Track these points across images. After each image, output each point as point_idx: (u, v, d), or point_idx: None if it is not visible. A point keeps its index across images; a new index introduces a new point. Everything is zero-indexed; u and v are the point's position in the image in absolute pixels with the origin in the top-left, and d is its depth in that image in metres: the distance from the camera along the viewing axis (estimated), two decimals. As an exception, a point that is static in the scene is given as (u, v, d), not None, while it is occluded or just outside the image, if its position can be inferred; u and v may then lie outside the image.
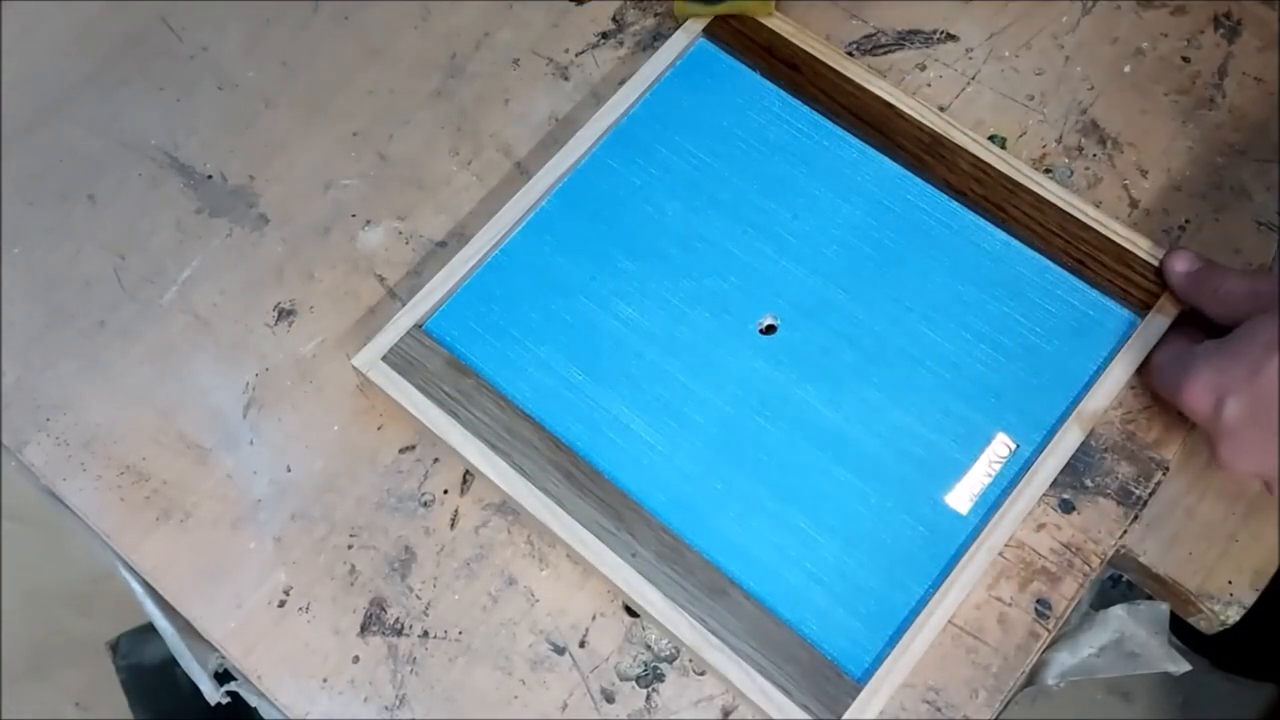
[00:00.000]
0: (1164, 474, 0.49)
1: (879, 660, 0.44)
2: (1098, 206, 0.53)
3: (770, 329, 0.51)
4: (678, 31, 0.57)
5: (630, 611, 0.48)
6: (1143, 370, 0.49)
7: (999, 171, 0.53)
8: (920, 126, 0.54)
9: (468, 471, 0.51)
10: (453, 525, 0.50)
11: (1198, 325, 0.48)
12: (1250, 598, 0.48)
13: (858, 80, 0.55)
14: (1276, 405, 0.38)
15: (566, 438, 0.49)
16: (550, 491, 0.47)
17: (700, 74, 0.56)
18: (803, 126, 0.55)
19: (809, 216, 0.53)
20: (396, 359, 0.50)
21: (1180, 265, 0.48)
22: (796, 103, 0.55)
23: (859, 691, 0.44)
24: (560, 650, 0.48)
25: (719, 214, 0.53)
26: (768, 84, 0.56)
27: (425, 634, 0.48)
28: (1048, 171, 0.56)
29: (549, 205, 0.54)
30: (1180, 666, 0.51)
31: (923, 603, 0.45)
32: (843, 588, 0.46)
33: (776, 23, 0.57)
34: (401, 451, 0.52)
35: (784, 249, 0.53)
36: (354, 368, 0.50)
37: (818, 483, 0.48)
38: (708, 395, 0.50)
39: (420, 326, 0.51)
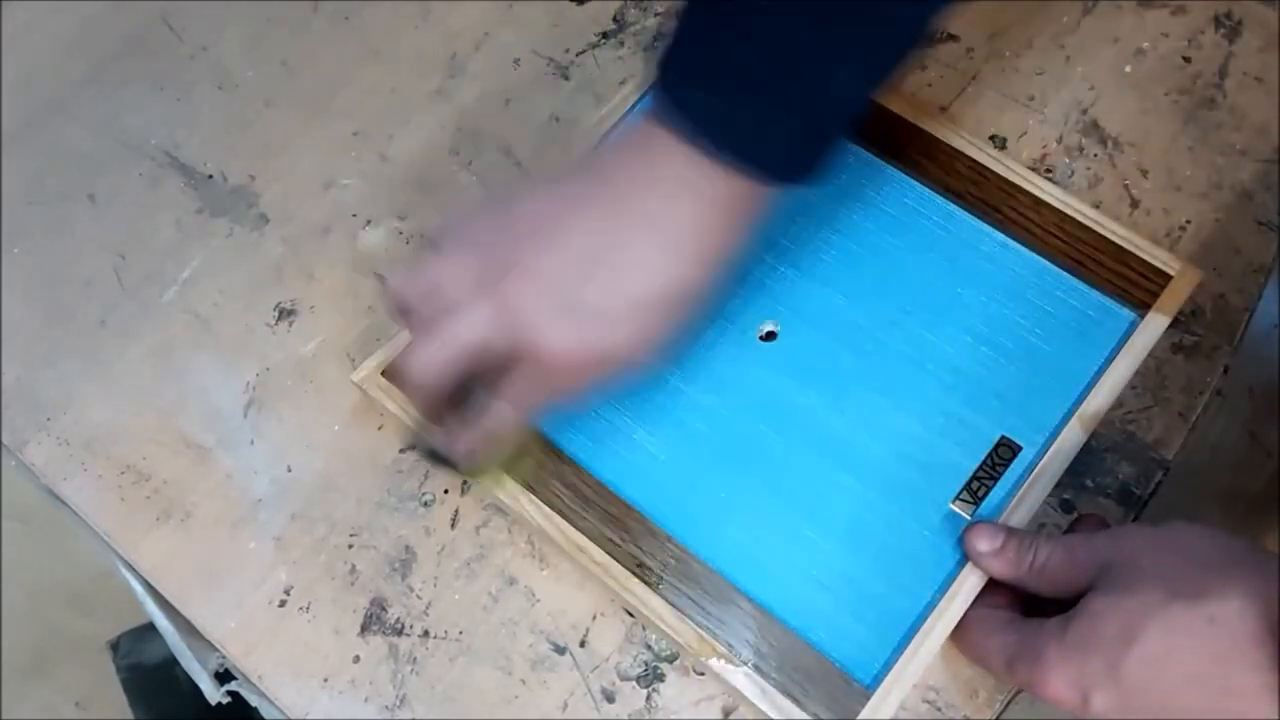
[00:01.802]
0: (1164, 474, 0.49)
1: (887, 666, 0.44)
2: (1098, 207, 0.53)
3: (770, 335, 0.51)
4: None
5: (630, 612, 0.48)
6: (957, 635, 0.45)
7: (996, 174, 0.53)
8: (916, 130, 0.54)
9: (468, 471, 0.51)
10: (453, 525, 0.50)
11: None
12: (1250, 598, 0.48)
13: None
14: (1146, 696, 0.37)
15: (569, 449, 0.49)
16: (554, 504, 0.47)
17: None
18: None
19: (807, 222, 0.53)
20: (396, 372, 0.50)
21: (983, 544, 0.44)
22: None
23: (868, 698, 0.43)
24: (560, 650, 0.48)
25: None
26: None
27: (426, 634, 0.48)
28: (1048, 172, 0.56)
29: None
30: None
31: (930, 607, 0.45)
32: (849, 594, 0.46)
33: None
34: (402, 451, 0.52)
35: (783, 255, 0.53)
36: (354, 383, 0.50)
37: (822, 489, 0.48)
38: (710, 404, 0.50)
39: (419, 339, 0.51)
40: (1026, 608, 0.44)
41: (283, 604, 0.49)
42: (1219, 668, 0.36)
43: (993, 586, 0.45)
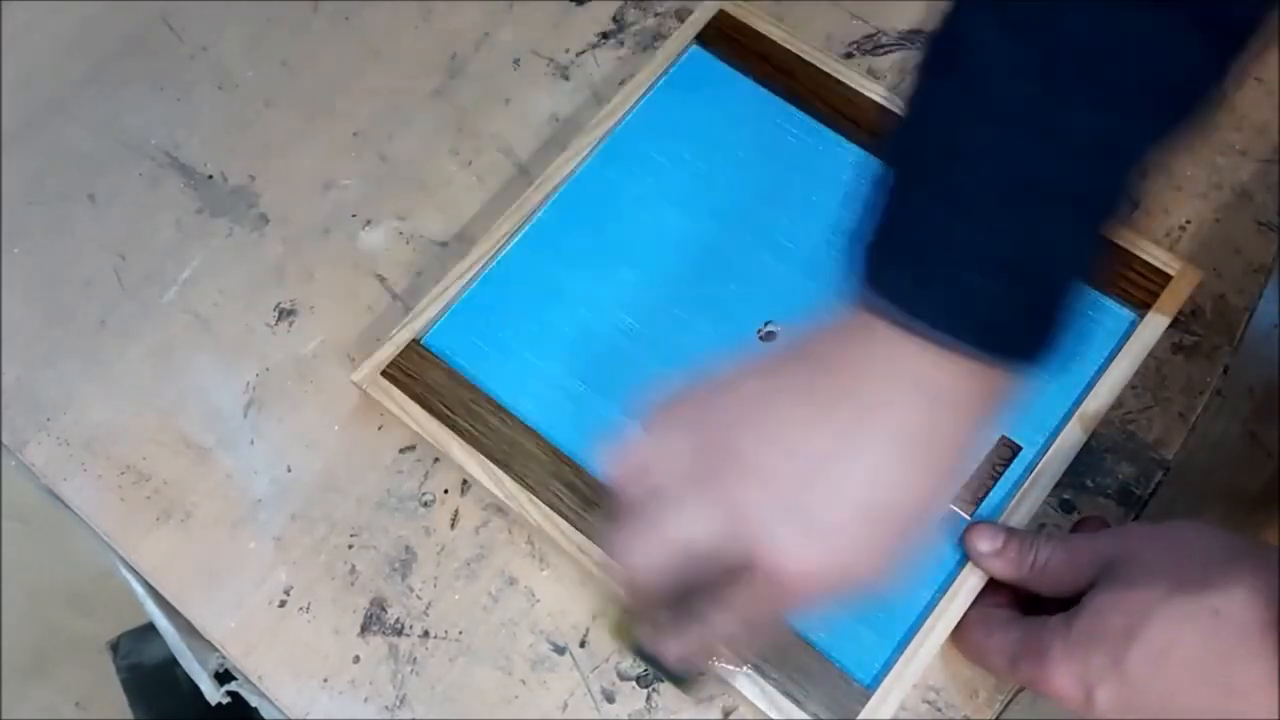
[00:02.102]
0: (1164, 474, 0.49)
1: (887, 666, 0.44)
2: (1098, 207, 0.53)
3: (771, 335, 0.51)
4: (670, 38, 0.57)
5: (630, 611, 0.48)
6: (958, 635, 0.45)
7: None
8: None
9: (468, 471, 0.51)
10: (453, 525, 0.50)
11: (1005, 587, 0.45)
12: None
13: (852, 84, 0.55)
14: (1148, 693, 0.37)
15: (569, 449, 0.49)
16: (554, 504, 0.47)
17: (694, 81, 0.56)
18: (798, 132, 0.55)
19: (806, 222, 0.53)
20: (396, 373, 0.50)
21: (984, 545, 0.44)
22: (791, 108, 0.55)
23: (868, 698, 0.44)
24: (560, 650, 0.48)
25: (717, 221, 0.53)
26: (762, 90, 0.56)
27: (425, 634, 0.48)
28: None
29: (546, 216, 0.53)
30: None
31: (930, 607, 0.45)
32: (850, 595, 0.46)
33: (769, 28, 0.56)
34: (402, 451, 0.52)
35: (782, 255, 0.53)
36: (353, 383, 0.50)
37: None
38: None
39: (419, 340, 0.51)
40: (1026, 606, 0.44)
41: (283, 604, 0.49)
42: (1223, 660, 0.36)
43: (993, 586, 0.45)
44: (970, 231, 0.35)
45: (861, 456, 0.36)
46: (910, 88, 0.37)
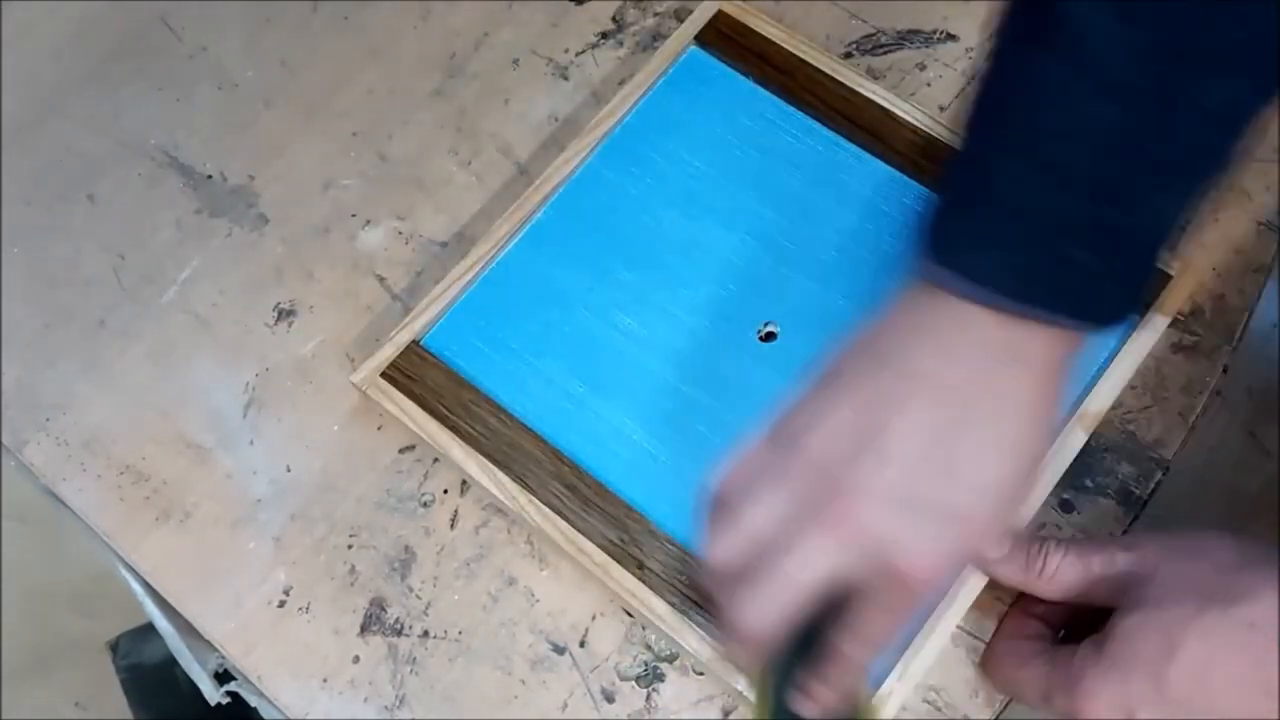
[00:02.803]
0: (1164, 474, 0.49)
1: (888, 667, 0.44)
2: (1097, 207, 0.53)
3: (770, 336, 0.51)
4: (669, 39, 0.57)
5: (630, 612, 0.48)
6: (988, 669, 0.45)
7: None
8: (914, 130, 0.54)
9: (467, 472, 0.51)
10: (453, 525, 0.50)
11: (1025, 610, 0.45)
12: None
13: (851, 84, 0.55)
14: (1190, 707, 0.37)
15: (569, 450, 0.49)
16: (554, 504, 0.47)
17: (693, 81, 0.56)
18: (797, 132, 0.55)
19: (806, 222, 0.53)
20: (395, 374, 0.50)
21: (989, 551, 0.44)
22: (790, 108, 0.55)
23: (870, 699, 0.43)
24: (560, 650, 0.48)
25: (716, 222, 0.53)
26: (761, 90, 0.56)
27: (425, 634, 0.48)
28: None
29: (545, 216, 0.53)
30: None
31: (930, 608, 0.45)
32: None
33: (768, 28, 0.56)
34: (401, 451, 0.52)
35: (782, 255, 0.53)
36: (353, 384, 0.50)
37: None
38: (709, 404, 0.50)
39: (418, 341, 0.51)
40: (1056, 634, 0.44)
41: (282, 604, 0.49)
42: (1262, 670, 0.36)
43: (1019, 617, 0.45)
44: (1074, 202, 0.35)
45: (964, 441, 0.36)
46: (992, 66, 0.37)
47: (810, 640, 0.37)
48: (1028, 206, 0.36)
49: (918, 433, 0.36)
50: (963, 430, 0.36)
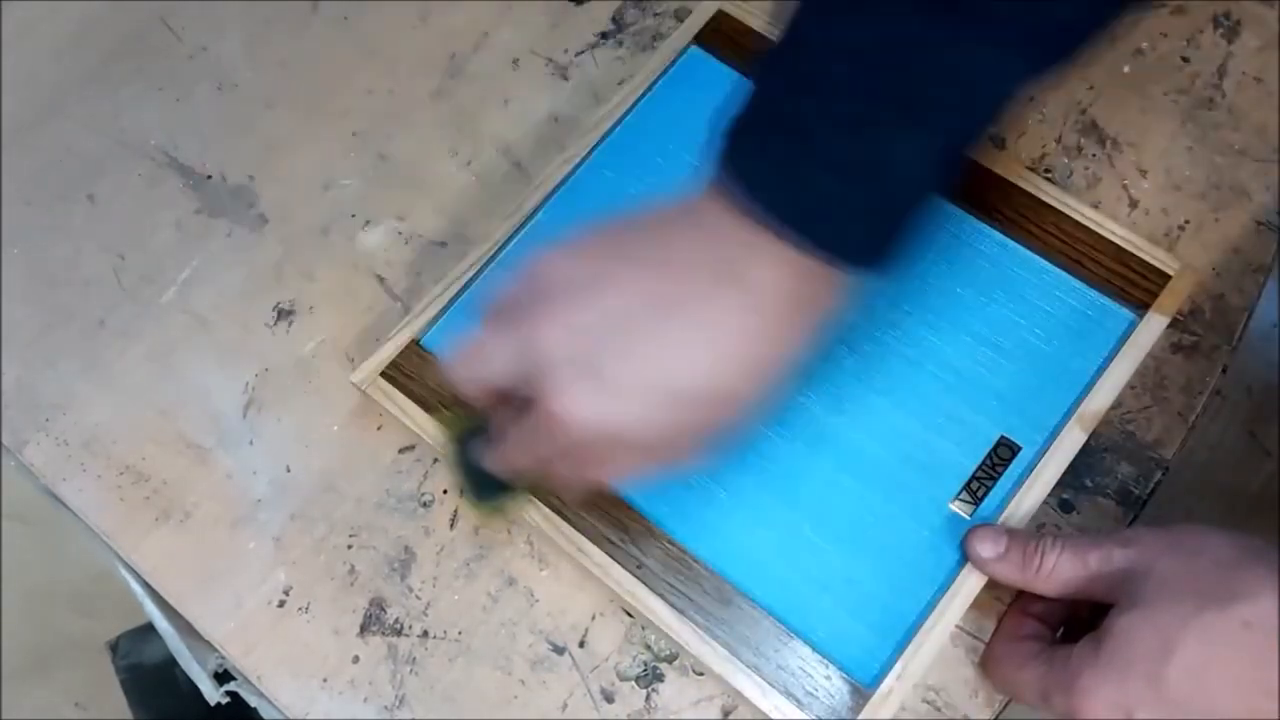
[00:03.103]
0: (1164, 474, 0.49)
1: (887, 666, 0.44)
2: (1096, 207, 0.53)
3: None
4: (669, 39, 0.57)
5: (629, 612, 0.48)
6: (987, 670, 0.45)
7: (994, 174, 0.53)
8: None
9: (467, 472, 0.51)
10: (452, 525, 0.50)
11: (1023, 610, 0.45)
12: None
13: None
14: (1188, 706, 0.37)
15: None
16: (553, 504, 0.47)
17: (693, 81, 0.56)
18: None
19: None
20: (395, 373, 0.50)
21: (986, 550, 0.44)
22: None
23: (868, 698, 0.44)
24: (560, 650, 0.48)
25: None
26: None
27: (425, 634, 0.48)
28: (1047, 172, 0.56)
29: (545, 216, 0.53)
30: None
31: (930, 607, 0.45)
32: (849, 595, 0.46)
33: (769, 28, 0.56)
34: (401, 451, 0.52)
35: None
36: (353, 384, 0.50)
37: (822, 490, 0.48)
38: None
39: (418, 341, 0.51)
40: (1054, 634, 0.44)
41: (282, 604, 0.49)
42: (1260, 669, 0.36)
43: (1016, 617, 0.45)
44: (827, 130, 0.36)
45: (670, 330, 0.37)
46: None
47: (501, 412, 0.41)
48: (786, 125, 0.36)
49: (638, 306, 0.37)
50: (676, 327, 0.37)
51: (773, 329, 0.37)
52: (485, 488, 0.46)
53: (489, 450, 0.42)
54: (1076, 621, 0.44)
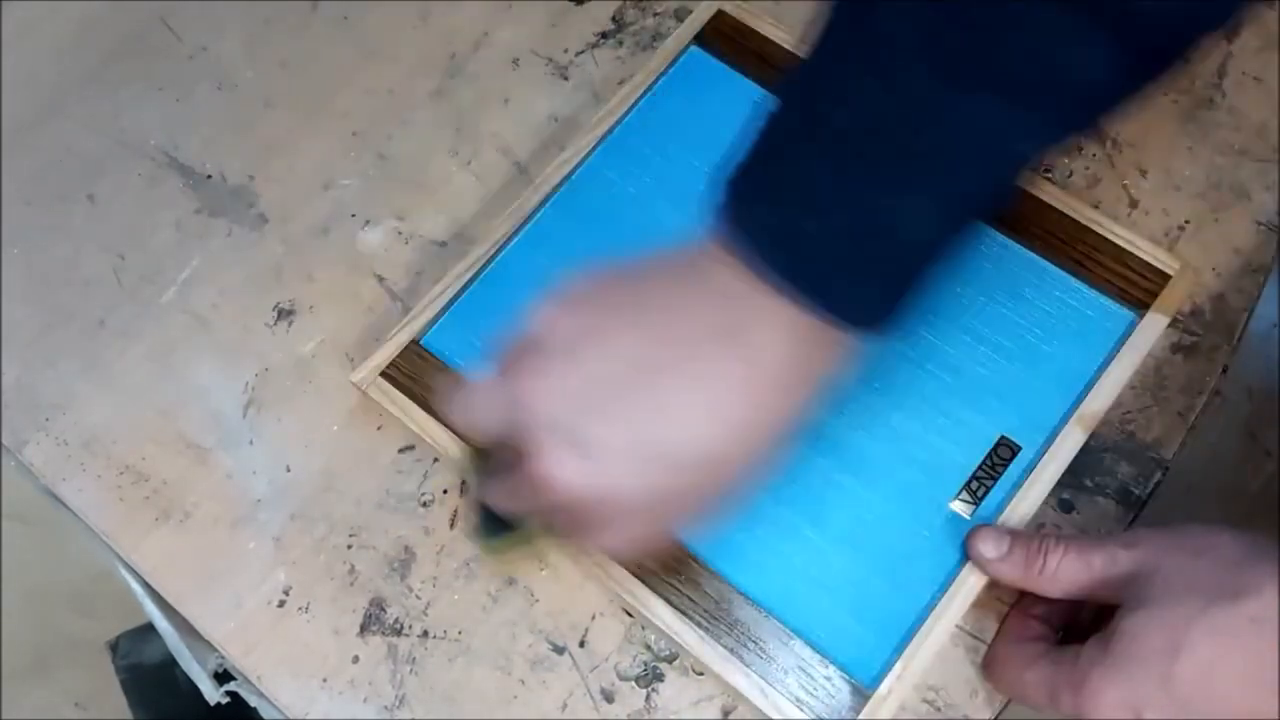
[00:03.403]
0: (1164, 474, 0.49)
1: (887, 666, 0.44)
2: (1096, 207, 0.53)
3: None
4: (669, 39, 0.57)
5: (629, 612, 0.48)
6: (992, 673, 0.45)
7: (998, 172, 0.53)
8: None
9: (467, 471, 0.51)
10: (452, 525, 0.50)
11: (1025, 611, 0.45)
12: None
13: None
14: (1198, 704, 0.37)
15: None
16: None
17: (693, 81, 0.56)
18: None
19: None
20: (395, 373, 0.50)
21: (989, 550, 0.44)
22: None
23: (868, 698, 0.44)
24: (560, 650, 0.48)
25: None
26: (761, 90, 0.56)
27: (425, 634, 0.48)
28: (1047, 172, 0.56)
29: (545, 216, 0.53)
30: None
31: (930, 607, 0.45)
32: (849, 595, 0.46)
33: (768, 28, 0.56)
34: (401, 451, 0.52)
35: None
36: (353, 383, 0.50)
37: (821, 490, 0.48)
38: None
39: (418, 341, 0.51)
40: (1059, 634, 0.44)
41: (282, 604, 0.49)
42: (1268, 667, 0.36)
43: (1019, 619, 0.45)
44: (833, 189, 0.34)
45: (663, 393, 0.36)
46: (820, 31, 0.36)
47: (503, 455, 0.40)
48: (795, 181, 0.35)
49: (628, 365, 0.36)
50: (666, 387, 0.36)
51: (772, 390, 0.36)
52: (490, 525, 0.44)
53: (492, 486, 0.42)
54: (1078, 623, 0.44)
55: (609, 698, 0.47)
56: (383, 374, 0.50)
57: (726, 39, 0.57)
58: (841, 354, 0.37)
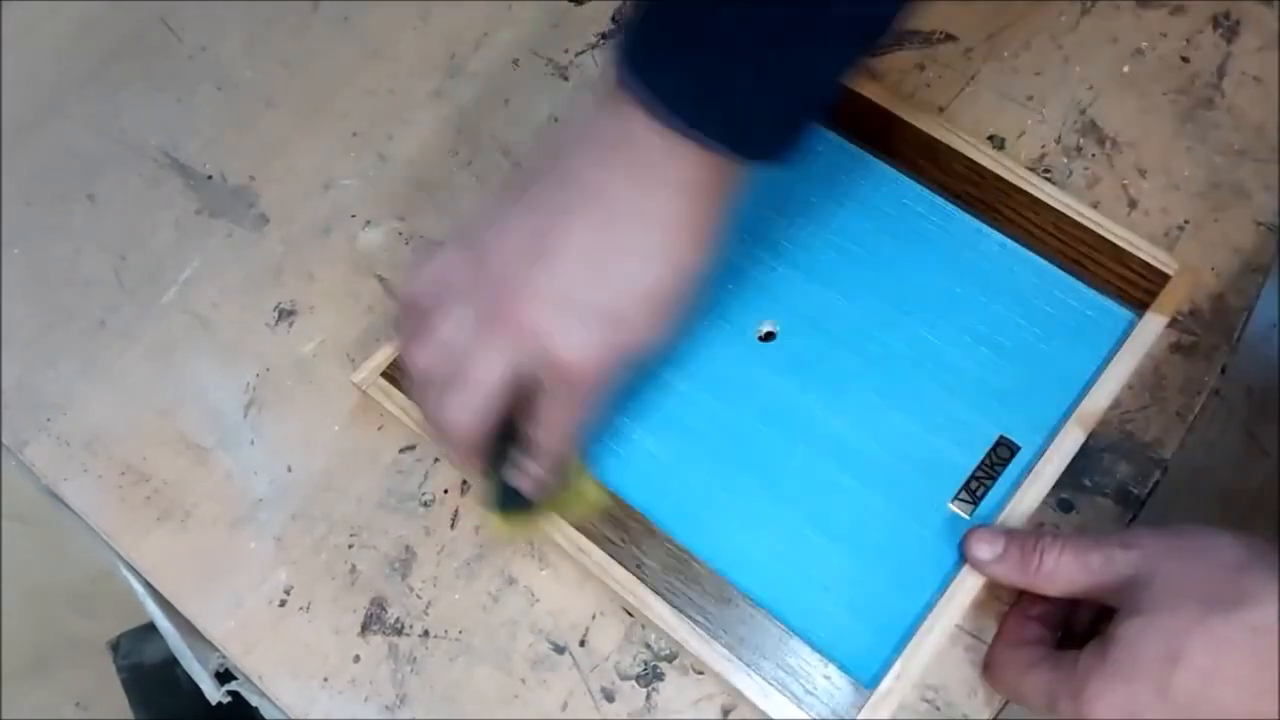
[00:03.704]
0: (1162, 474, 0.49)
1: (887, 666, 0.44)
2: (1096, 207, 0.53)
3: (769, 336, 0.51)
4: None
5: (630, 611, 0.48)
6: (991, 677, 0.45)
7: (994, 174, 0.53)
8: (914, 130, 0.54)
9: (468, 471, 0.51)
10: (453, 525, 0.50)
11: (1023, 613, 0.45)
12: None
13: (849, 84, 0.55)
14: (1196, 712, 0.37)
15: None
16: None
17: None
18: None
19: (805, 222, 0.53)
20: (396, 374, 0.50)
21: (984, 552, 0.44)
22: None
23: (868, 698, 0.44)
24: (560, 649, 0.48)
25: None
26: None
27: (426, 633, 0.48)
28: (1046, 172, 0.56)
29: None
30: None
31: (929, 607, 0.45)
32: (849, 594, 0.46)
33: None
34: (401, 451, 0.52)
35: (781, 255, 0.53)
36: (354, 383, 0.50)
37: (821, 489, 0.48)
38: (709, 404, 0.50)
39: (418, 340, 0.51)
40: (1054, 632, 0.44)
41: (283, 604, 0.49)
42: (1267, 675, 0.36)
43: (1017, 620, 0.45)
44: (726, 28, 0.36)
45: (629, 249, 0.39)
46: None
47: (513, 429, 0.42)
48: (692, 23, 0.37)
49: (579, 240, 0.39)
50: (617, 239, 0.39)
51: (702, 215, 0.40)
52: (508, 499, 0.45)
53: (526, 469, 0.43)
54: (1075, 626, 0.44)
55: (609, 697, 0.47)
56: (383, 374, 0.50)
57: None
58: (743, 182, 0.40)
